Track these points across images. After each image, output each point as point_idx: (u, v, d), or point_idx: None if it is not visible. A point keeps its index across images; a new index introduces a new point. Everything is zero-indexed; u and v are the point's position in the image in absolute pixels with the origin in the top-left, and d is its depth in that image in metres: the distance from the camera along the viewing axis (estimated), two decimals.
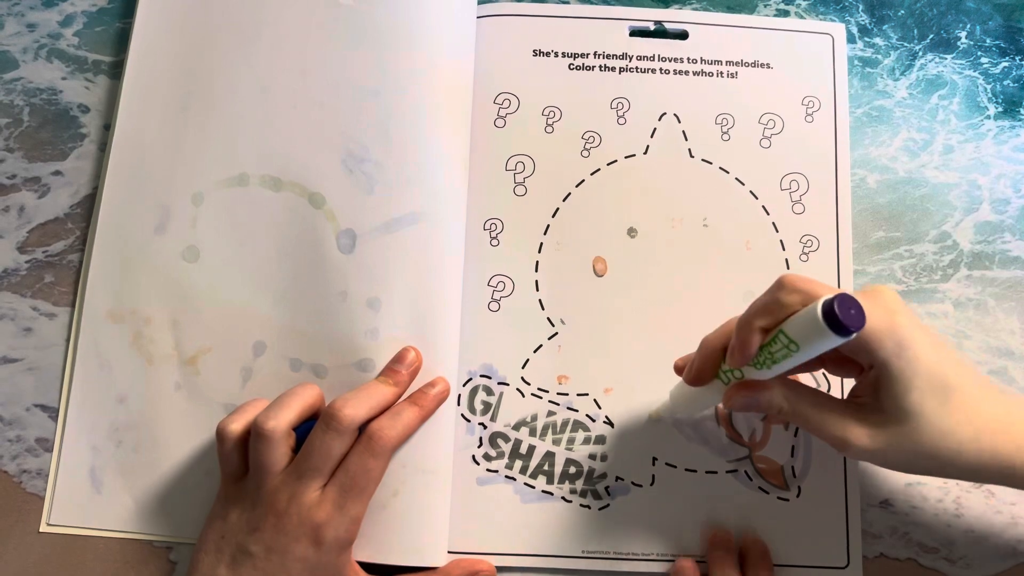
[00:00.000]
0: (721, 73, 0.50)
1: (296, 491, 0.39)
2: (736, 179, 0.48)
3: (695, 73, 0.50)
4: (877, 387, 0.35)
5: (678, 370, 0.41)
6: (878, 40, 0.52)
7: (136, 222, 0.47)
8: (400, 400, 0.43)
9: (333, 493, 0.39)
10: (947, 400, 0.34)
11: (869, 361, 0.35)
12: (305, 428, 0.40)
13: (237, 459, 0.41)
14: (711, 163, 0.49)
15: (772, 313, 0.34)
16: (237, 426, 0.40)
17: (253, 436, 0.39)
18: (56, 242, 0.48)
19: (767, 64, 0.50)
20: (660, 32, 0.50)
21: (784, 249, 0.47)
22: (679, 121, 0.49)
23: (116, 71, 0.50)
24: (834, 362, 0.38)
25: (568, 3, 0.51)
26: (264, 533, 0.38)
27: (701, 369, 0.38)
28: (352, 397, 0.40)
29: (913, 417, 0.34)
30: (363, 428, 0.41)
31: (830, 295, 0.31)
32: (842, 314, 0.30)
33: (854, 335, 0.31)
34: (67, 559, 0.44)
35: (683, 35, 0.50)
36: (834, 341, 0.31)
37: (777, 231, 0.48)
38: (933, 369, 0.34)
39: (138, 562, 0.44)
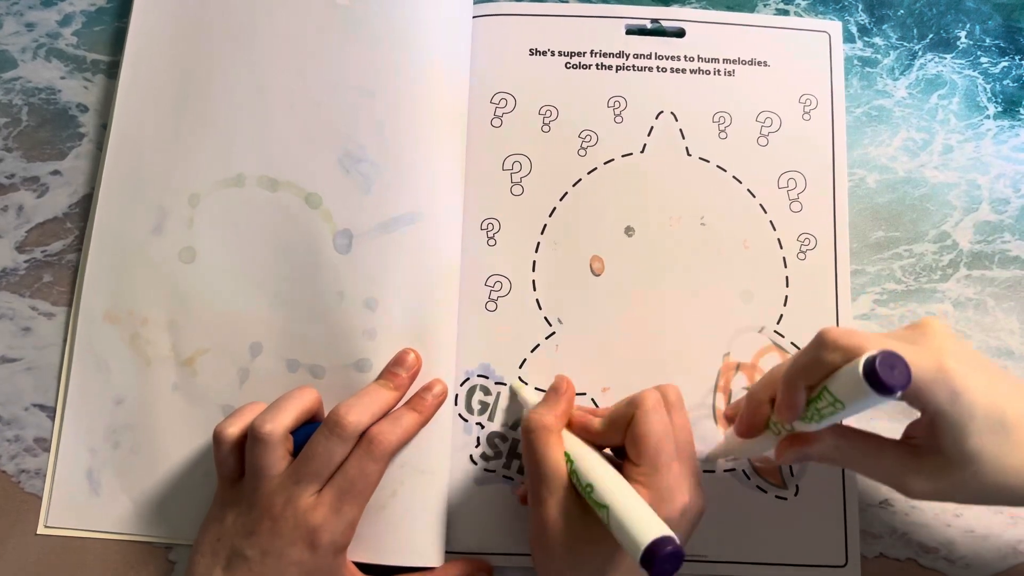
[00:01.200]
0: (718, 71, 0.50)
1: (293, 495, 0.38)
2: (733, 177, 0.48)
3: (692, 71, 0.50)
4: (933, 430, 0.34)
5: (728, 420, 0.42)
6: (878, 40, 0.51)
7: (133, 223, 0.47)
8: (400, 404, 0.43)
9: (330, 496, 0.39)
10: (1008, 437, 0.33)
11: (922, 408, 0.34)
12: (302, 432, 0.40)
13: (234, 462, 0.41)
14: (708, 161, 0.48)
15: (814, 372, 0.33)
16: (234, 429, 0.40)
17: (250, 439, 0.39)
18: (55, 242, 0.48)
19: (764, 62, 0.50)
20: (657, 30, 0.50)
21: (782, 247, 0.47)
22: (676, 119, 0.49)
23: (115, 71, 0.50)
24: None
25: (567, 1, 0.51)
26: (260, 536, 0.38)
27: (751, 423, 0.38)
28: (355, 403, 0.40)
29: (973, 461, 0.33)
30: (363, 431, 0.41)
31: (873, 352, 0.30)
32: (884, 374, 0.29)
33: (899, 394, 0.30)
34: (67, 559, 0.44)
35: (680, 33, 0.50)
36: (878, 401, 0.30)
37: (775, 229, 0.47)
38: (989, 408, 0.33)
39: (137, 562, 0.44)
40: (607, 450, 0.40)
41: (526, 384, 0.45)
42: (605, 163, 0.48)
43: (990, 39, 0.52)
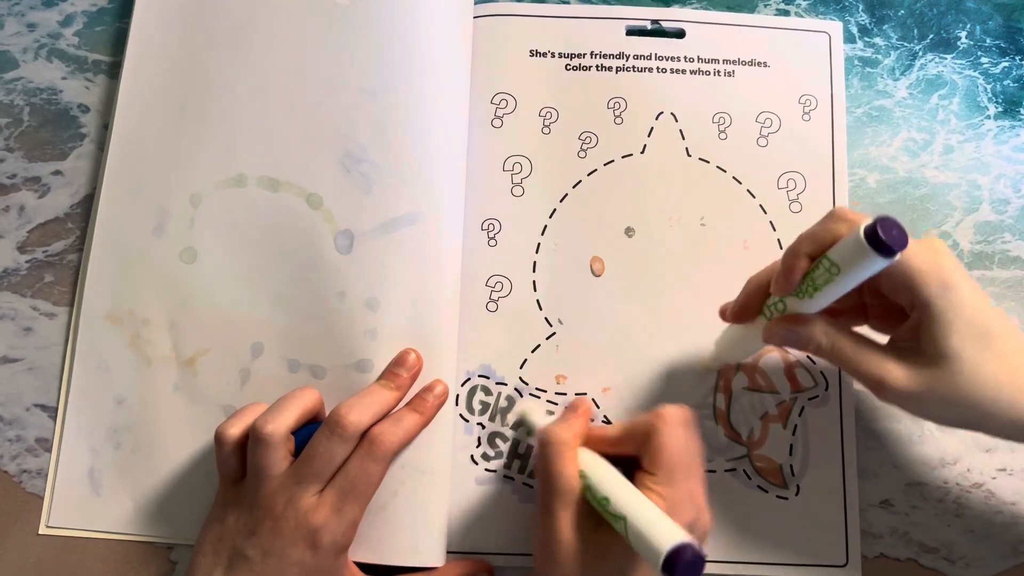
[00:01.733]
0: (718, 72, 0.50)
1: (294, 495, 0.38)
2: (733, 178, 0.48)
3: (692, 72, 0.50)
4: (918, 329, 0.35)
5: (723, 314, 0.42)
6: (878, 40, 0.51)
7: (134, 224, 0.47)
8: (401, 405, 0.43)
9: (332, 497, 0.39)
10: (988, 347, 0.34)
11: (911, 300, 0.35)
12: (303, 432, 0.40)
13: (235, 463, 0.41)
14: (708, 162, 0.48)
15: (819, 239, 0.34)
16: (235, 430, 0.40)
17: (252, 440, 0.39)
18: (56, 242, 0.48)
19: (764, 63, 0.50)
20: (657, 31, 0.50)
21: (782, 248, 0.47)
22: (676, 120, 0.49)
23: (116, 71, 0.50)
24: (879, 311, 0.38)
25: (568, 2, 0.51)
26: (261, 537, 0.38)
27: (745, 304, 0.39)
28: (356, 403, 0.40)
29: (953, 360, 0.34)
30: (364, 432, 0.41)
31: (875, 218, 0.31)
32: (884, 233, 0.31)
33: (896, 256, 0.31)
34: (67, 558, 0.44)
35: (680, 34, 0.50)
36: (875, 262, 0.31)
37: (775, 230, 0.47)
38: (976, 314, 0.34)
39: (138, 562, 0.44)
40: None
41: (532, 397, 0.45)
42: (605, 164, 0.48)
43: (991, 39, 0.52)
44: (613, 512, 0.34)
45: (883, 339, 0.38)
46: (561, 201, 0.48)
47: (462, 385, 0.46)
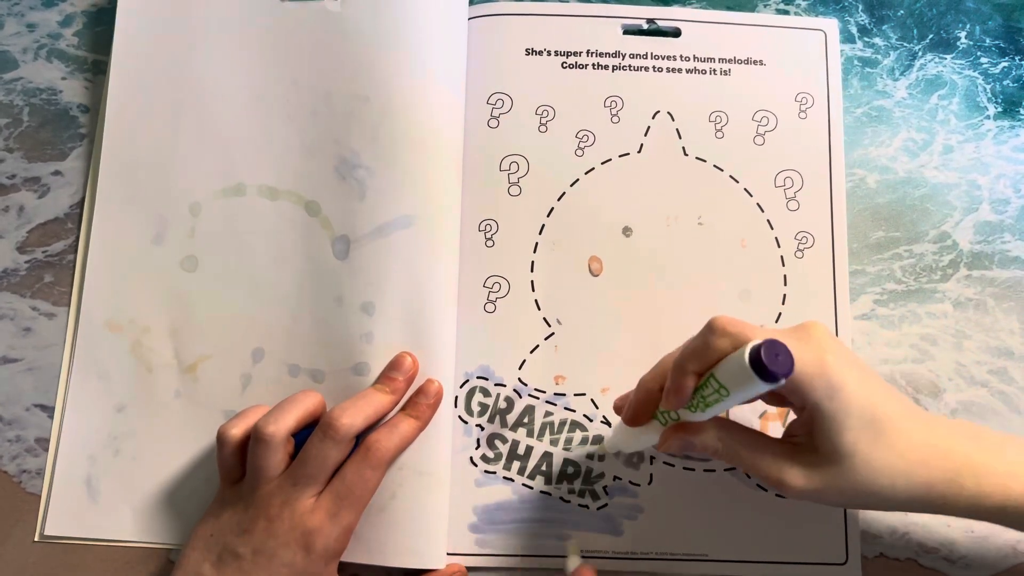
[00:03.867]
0: (714, 71, 0.50)
1: (290, 497, 0.39)
2: (730, 177, 0.48)
3: (688, 71, 0.50)
4: (811, 427, 0.35)
5: (617, 410, 0.41)
6: (878, 40, 0.51)
7: (132, 234, 0.47)
8: (397, 408, 0.43)
9: (327, 502, 0.39)
10: (879, 436, 0.34)
11: (801, 403, 0.35)
12: (304, 435, 0.41)
13: (235, 463, 0.41)
14: (705, 161, 0.48)
15: (703, 358, 0.34)
16: (237, 431, 0.40)
17: (253, 440, 0.40)
18: (56, 242, 0.48)
19: (760, 61, 0.50)
20: (653, 30, 0.50)
21: (779, 246, 0.47)
22: (673, 119, 0.49)
23: None
24: (771, 396, 0.38)
25: (567, 1, 0.51)
26: (254, 536, 0.38)
27: (638, 410, 0.38)
28: (349, 406, 0.40)
29: (847, 457, 0.34)
30: (361, 436, 0.41)
31: (758, 341, 0.31)
32: (768, 360, 0.30)
33: (782, 381, 0.31)
34: (67, 558, 0.44)
35: (676, 33, 0.50)
36: (762, 387, 0.31)
37: (772, 228, 0.47)
38: (864, 406, 0.34)
39: (138, 562, 0.44)
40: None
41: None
42: (602, 163, 0.48)
43: (990, 39, 0.52)
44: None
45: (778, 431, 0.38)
46: (559, 200, 0.48)
47: (461, 387, 0.46)
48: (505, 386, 0.46)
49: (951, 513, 0.35)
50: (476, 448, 0.45)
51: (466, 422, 0.45)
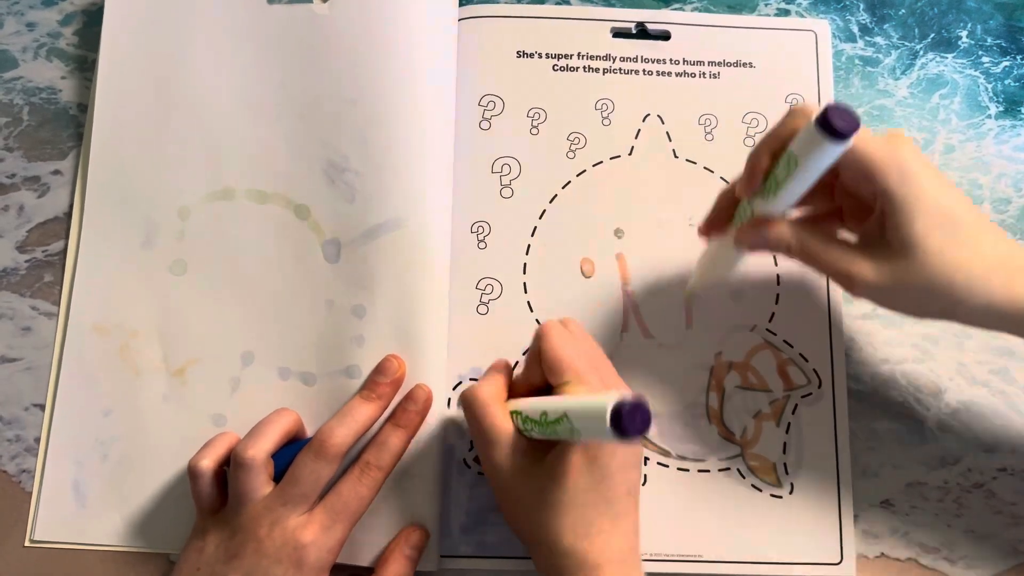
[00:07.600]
0: (703, 74, 0.50)
1: (280, 516, 0.38)
2: (721, 179, 0.48)
3: (678, 74, 0.50)
4: (883, 221, 0.34)
5: (699, 230, 0.42)
6: (879, 39, 0.51)
7: (120, 238, 0.46)
8: (385, 415, 0.43)
9: (322, 515, 0.39)
10: (954, 234, 0.33)
11: (873, 192, 0.34)
12: (282, 454, 0.41)
13: (213, 493, 0.41)
14: (695, 163, 0.48)
15: (778, 135, 0.34)
16: (209, 462, 0.40)
17: (233, 466, 0.39)
18: (55, 241, 0.48)
19: (749, 63, 0.50)
20: (642, 33, 0.50)
21: None
22: (663, 122, 0.49)
23: None
24: (851, 211, 0.38)
25: (569, 2, 0.51)
26: (244, 559, 0.38)
27: (715, 215, 0.39)
28: (337, 424, 0.40)
29: (919, 248, 0.33)
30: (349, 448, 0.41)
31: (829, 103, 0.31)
32: (834, 118, 0.31)
33: (849, 141, 0.31)
34: (67, 559, 0.44)
35: (665, 36, 0.50)
36: (829, 149, 0.31)
37: None
38: (938, 201, 0.33)
39: (138, 562, 0.44)
40: None
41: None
42: (594, 165, 0.48)
43: (991, 39, 0.52)
44: (554, 419, 0.34)
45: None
46: (550, 202, 0.48)
47: (454, 389, 0.45)
48: None
49: None
50: (469, 450, 0.45)
51: (459, 424, 0.45)
